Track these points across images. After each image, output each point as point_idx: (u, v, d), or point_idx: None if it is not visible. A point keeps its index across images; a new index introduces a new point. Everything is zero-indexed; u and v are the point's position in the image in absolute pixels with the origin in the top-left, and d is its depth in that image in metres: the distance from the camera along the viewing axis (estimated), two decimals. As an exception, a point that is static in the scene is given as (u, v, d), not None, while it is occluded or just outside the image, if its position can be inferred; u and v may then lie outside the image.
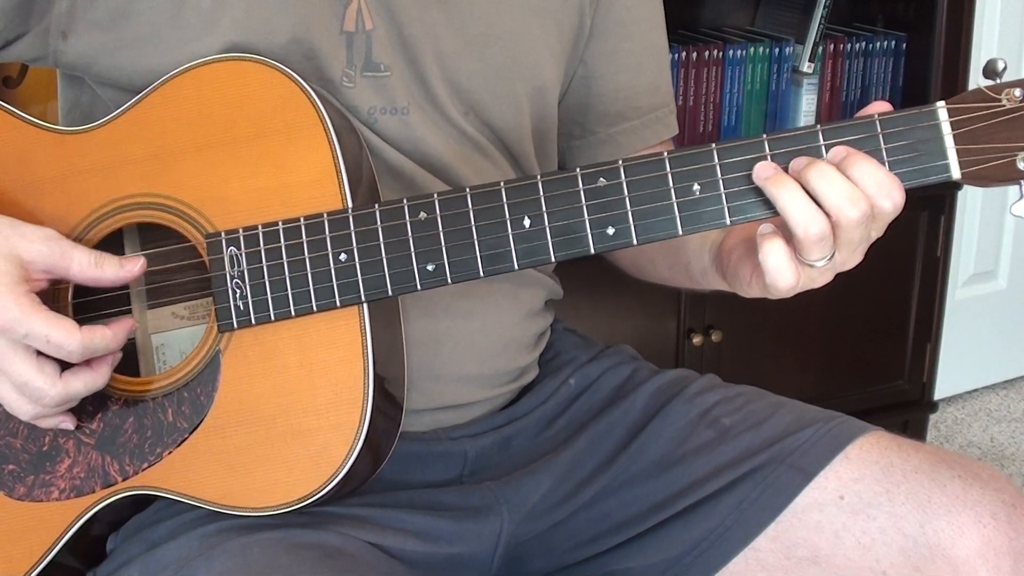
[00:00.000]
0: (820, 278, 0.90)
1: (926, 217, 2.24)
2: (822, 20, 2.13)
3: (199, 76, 0.96)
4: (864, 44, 2.21)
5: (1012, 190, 0.88)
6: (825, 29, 2.13)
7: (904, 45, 2.23)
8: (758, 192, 0.88)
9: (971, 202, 2.55)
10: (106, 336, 0.91)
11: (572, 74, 1.16)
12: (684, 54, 2.07)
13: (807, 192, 0.86)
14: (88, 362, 0.92)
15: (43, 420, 0.95)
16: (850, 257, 0.90)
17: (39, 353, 0.90)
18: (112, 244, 0.99)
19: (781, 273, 0.88)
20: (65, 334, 0.89)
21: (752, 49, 2.14)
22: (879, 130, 0.87)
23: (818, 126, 0.88)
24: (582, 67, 1.16)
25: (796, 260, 0.88)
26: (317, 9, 1.00)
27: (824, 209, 0.86)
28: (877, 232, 0.90)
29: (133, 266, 0.93)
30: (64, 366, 0.92)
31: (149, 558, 0.97)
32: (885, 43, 2.23)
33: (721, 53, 2.11)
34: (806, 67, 2.15)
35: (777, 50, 2.16)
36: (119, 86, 1.01)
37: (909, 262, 2.26)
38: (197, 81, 0.96)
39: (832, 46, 2.19)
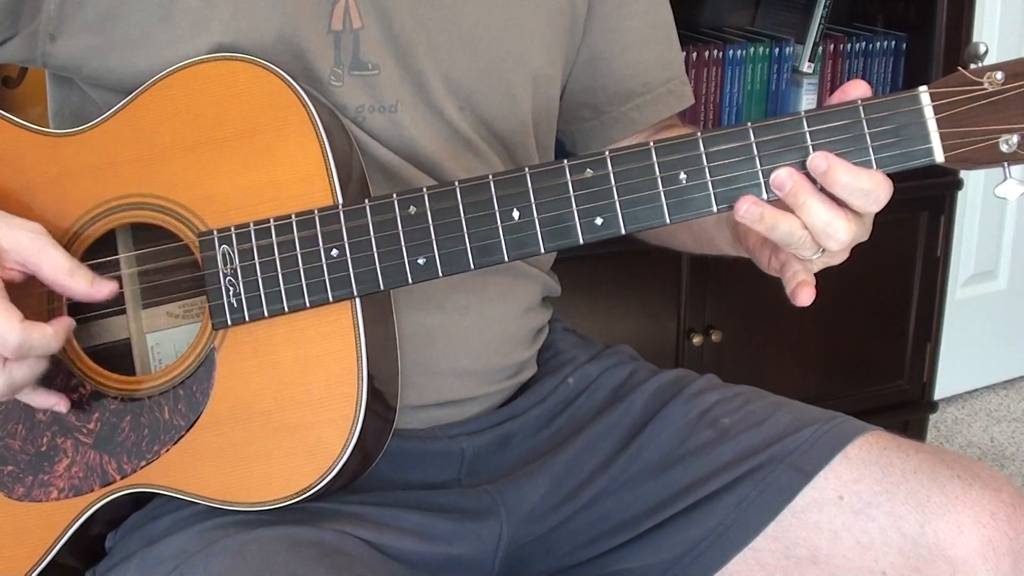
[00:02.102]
0: (832, 259, 0.92)
1: (926, 217, 2.24)
2: (822, 20, 2.12)
3: (188, 76, 0.97)
4: (864, 44, 2.21)
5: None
6: (825, 29, 2.13)
7: (904, 45, 2.23)
8: (744, 180, 0.88)
9: (971, 202, 2.55)
10: (46, 334, 0.89)
11: (574, 59, 1.15)
12: (684, 54, 2.07)
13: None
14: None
15: (32, 399, 0.94)
16: (860, 234, 0.91)
17: None
18: (106, 245, 0.99)
19: (796, 278, 0.92)
20: (6, 323, 0.87)
21: (752, 49, 2.14)
22: (863, 115, 0.87)
23: (802, 113, 0.88)
24: (586, 50, 1.15)
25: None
26: (304, 9, 1.01)
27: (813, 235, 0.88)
28: (875, 208, 0.90)
29: (102, 288, 0.92)
30: None
31: (148, 554, 0.97)
32: (885, 43, 2.23)
33: (721, 53, 2.11)
34: (806, 67, 2.15)
35: (777, 50, 2.16)
36: (109, 88, 1.02)
37: (909, 262, 2.26)
38: (186, 81, 0.97)
39: (832, 46, 2.18)
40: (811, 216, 0.87)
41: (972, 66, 0.87)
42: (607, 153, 0.90)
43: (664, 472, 1.09)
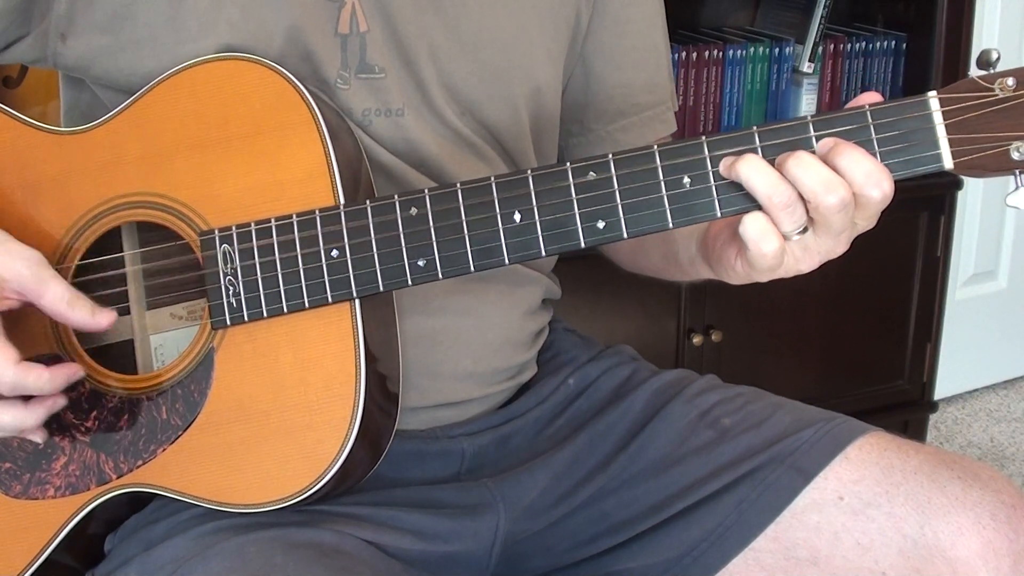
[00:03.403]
0: (805, 258, 0.89)
1: (926, 217, 2.24)
2: (822, 20, 2.12)
3: (193, 76, 0.97)
4: (864, 44, 2.21)
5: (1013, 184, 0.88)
6: (825, 29, 2.13)
7: (904, 45, 2.23)
8: None
9: (971, 202, 2.55)
10: (41, 377, 0.89)
11: (571, 72, 1.15)
12: (684, 54, 2.07)
13: (788, 180, 0.85)
14: (27, 399, 0.91)
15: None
16: (835, 245, 0.89)
17: None
18: (110, 242, 0.99)
19: (764, 238, 0.86)
20: (1, 361, 0.87)
21: (752, 49, 2.14)
22: (870, 121, 0.86)
23: (808, 117, 0.87)
24: (580, 64, 1.16)
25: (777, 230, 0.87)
26: (311, 11, 1.01)
27: (803, 196, 0.85)
28: (866, 222, 0.89)
29: (102, 319, 0.92)
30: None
31: (146, 558, 0.97)
32: (885, 43, 2.23)
33: (721, 53, 2.11)
34: (806, 67, 2.15)
35: (777, 50, 2.16)
36: (118, 88, 1.02)
37: (909, 262, 2.26)
38: (191, 81, 0.97)
39: (832, 46, 2.19)
40: (806, 170, 0.84)
41: (982, 72, 0.86)
42: (610, 156, 0.89)
43: (664, 472, 1.09)
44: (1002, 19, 2.47)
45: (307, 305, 0.93)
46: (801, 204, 0.86)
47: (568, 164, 0.90)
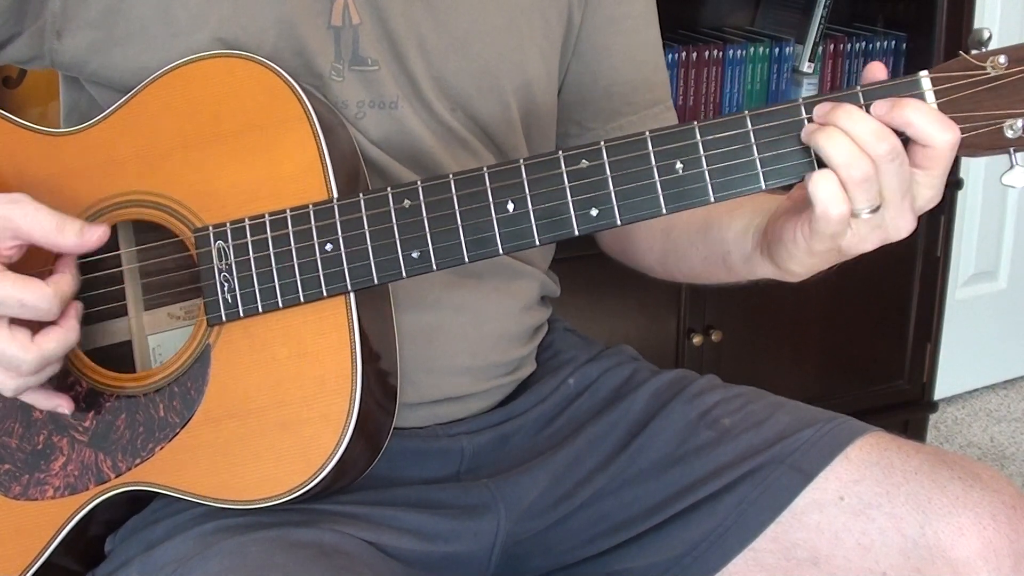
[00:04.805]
0: (870, 236, 0.86)
1: (926, 217, 2.22)
2: (822, 20, 2.12)
3: (187, 73, 0.97)
4: (864, 44, 2.21)
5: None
6: (825, 29, 2.13)
7: (904, 45, 2.23)
8: (742, 168, 0.87)
9: (971, 202, 2.55)
10: (65, 277, 0.90)
11: (566, 69, 1.15)
12: (684, 54, 2.07)
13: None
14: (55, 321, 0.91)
15: (37, 400, 0.94)
16: (898, 215, 0.85)
17: (11, 321, 0.88)
18: (107, 242, 0.99)
19: (833, 200, 0.83)
20: (38, 292, 0.87)
21: (752, 49, 2.13)
22: (862, 101, 0.85)
23: (800, 100, 0.86)
24: (576, 62, 1.15)
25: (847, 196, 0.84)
26: (303, 5, 1.01)
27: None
28: (928, 188, 0.85)
29: (91, 235, 0.91)
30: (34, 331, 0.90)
31: (147, 558, 0.97)
32: (885, 43, 2.23)
33: (721, 53, 2.11)
34: (806, 67, 2.15)
35: (777, 50, 2.16)
36: (112, 85, 1.02)
37: (909, 262, 2.26)
38: (185, 78, 0.97)
39: (832, 46, 2.18)
40: (856, 122, 0.82)
41: (975, 51, 0.85)
42: (603, 144, 0.89)
43: (664, 472, 1.09)
44: (1002, 19, 2.47)
45: (302, 299, 0.93)
46: (876, 182, 0.83)
47: (560, 152, 0.90)
